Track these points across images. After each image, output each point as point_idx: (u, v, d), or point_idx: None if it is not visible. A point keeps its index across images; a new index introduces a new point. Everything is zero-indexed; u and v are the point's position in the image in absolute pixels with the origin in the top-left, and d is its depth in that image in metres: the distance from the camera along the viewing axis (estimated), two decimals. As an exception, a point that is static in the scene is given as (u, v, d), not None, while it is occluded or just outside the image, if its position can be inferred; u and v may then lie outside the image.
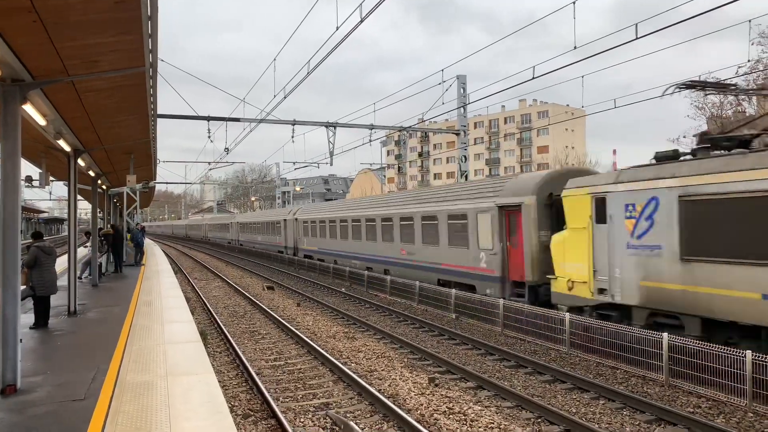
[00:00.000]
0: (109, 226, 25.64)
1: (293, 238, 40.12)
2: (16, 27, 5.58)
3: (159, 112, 13.91)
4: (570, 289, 13.53)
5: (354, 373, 11.05)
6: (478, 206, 17.95)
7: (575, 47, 14.66)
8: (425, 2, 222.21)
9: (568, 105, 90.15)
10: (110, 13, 5.53)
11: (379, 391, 9.98)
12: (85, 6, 5.32)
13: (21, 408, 6.41)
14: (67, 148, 11.56)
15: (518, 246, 16.27)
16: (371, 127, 27.50)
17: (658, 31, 11.55)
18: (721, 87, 13.55)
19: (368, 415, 9.01)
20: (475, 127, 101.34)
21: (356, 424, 8.38)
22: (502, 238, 16.86)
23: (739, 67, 30.14)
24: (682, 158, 11.83)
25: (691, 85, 12.09)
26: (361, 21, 11.54)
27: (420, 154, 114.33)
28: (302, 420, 8.78)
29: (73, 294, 12.51)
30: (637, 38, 11.96)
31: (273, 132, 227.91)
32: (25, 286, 10.12)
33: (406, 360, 12.52)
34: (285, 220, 42.01)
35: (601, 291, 12.70)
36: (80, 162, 13.48)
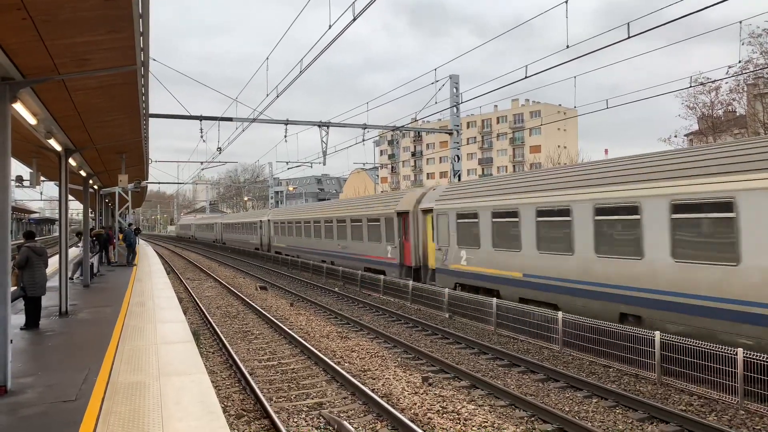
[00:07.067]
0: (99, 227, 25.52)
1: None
2: (5, 25, 5.52)
3: (151, 111, 13.84)
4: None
5: (347, 372, 11.04)
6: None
7: (567, 46, 14.69)
8: (415, 5, 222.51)
9: (560, 105, 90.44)
10: (101, 10, 5.49)
11: (372, 390, 9.97)
12: (75, 3, 5.27)
13: (11, 409, 6.35)
14: (58, 148, 11.47)
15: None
16: (364, 126, 27.47)
17: (649, 30, 11.59)
18: None
19: (362, 415, 8.99)
20: (468, 127, 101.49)
21: (350, 423, 8.37)
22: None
23: (730, 67, 30.41)
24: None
25: None
26: (354, 19, 11.51)
27: (413, 154, 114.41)
28: (296, 420, 8.76)
29: (64, 294, 12.42)
30: (629, 37, 12.00)
31: (266, 132, 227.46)
32: (15, 287, 10.05)
33: (399, 359, 12.51)
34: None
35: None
36: (71, 162, 13.39)
